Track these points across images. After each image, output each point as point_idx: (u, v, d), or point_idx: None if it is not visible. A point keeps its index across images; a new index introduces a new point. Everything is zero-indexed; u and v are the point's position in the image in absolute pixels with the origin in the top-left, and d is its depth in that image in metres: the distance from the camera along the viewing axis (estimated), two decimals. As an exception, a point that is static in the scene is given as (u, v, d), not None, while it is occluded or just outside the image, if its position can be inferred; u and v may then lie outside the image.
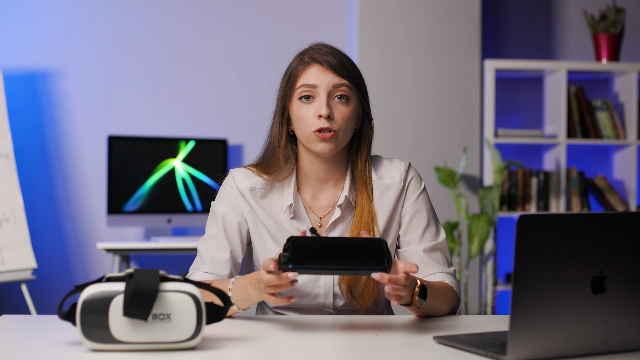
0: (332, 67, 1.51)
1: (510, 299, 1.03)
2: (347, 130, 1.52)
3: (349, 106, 1.52)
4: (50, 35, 3.77)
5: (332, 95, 1.51)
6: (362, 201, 1.54)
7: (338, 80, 1.51)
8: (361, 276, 1.47)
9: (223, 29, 3.88)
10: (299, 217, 1.55)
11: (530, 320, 1.04)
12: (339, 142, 1.51)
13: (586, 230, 1.06)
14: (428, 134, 3.74)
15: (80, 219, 3.74)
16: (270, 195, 1.57)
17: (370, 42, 3.69)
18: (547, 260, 1.04)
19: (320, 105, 1.49)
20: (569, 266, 1.05)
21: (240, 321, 1.41)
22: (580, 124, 3.86)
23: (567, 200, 3.83)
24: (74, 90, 3.77)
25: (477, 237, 3.49)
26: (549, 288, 1.04)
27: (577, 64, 3.81)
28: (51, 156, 3.74)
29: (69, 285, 3.70)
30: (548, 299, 1.04)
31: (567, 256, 1.05)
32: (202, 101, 3.86)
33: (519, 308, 1.03)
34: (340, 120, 1.50)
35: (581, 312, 1.07)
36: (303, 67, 1.53)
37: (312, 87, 1.51)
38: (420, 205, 1.58)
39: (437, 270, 1.55)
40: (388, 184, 1.58)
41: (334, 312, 1.56)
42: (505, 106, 4.02)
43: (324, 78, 1.50)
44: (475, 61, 3.77)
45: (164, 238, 3.47)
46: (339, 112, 1.50)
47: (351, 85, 1.52)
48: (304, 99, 1.52)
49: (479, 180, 3.79)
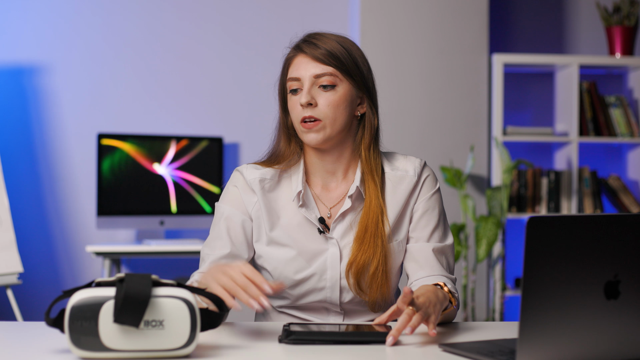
0: (315, 57, 1.54)
1: (520, 304, 1.03)
2: (336, 118, 1.54)
3: (337, 93, 1.54)
4: (37, 28, 3.77)
5: (316, 84, 1.55)
6: (370, 190, 1.57)
7: (320, 70, 1.54)
8: (369, 268, 1.52)
9: (218, 22, 3.88)
10: (307, 205, 1.57)
11: (541, 327, 1.04)
12: (328, 131, 1.54)
13: (599, 233, 1.06)
14: (433, 132, 3.74)
15: (68, 220, 3.74)
16: (278, 189, 1.59)
17: (372, 35, 3.69)
18: (558, 264, 1.04)
19: (302, 94, 1.54)
20: (581, 270, 1.05)
21: (237, 327, 1.41)
22: (593, 121, 3.86)
23: (579, 201, 3.83)
24: (62, 86, 3.77)
25: (485, 240, 3.49)
26: (560, 293, 1.04)
27: (589, 58, 3.81)
28: (38, 155, 3.74)
29: (57, 290, 3.70)
30: (559, 305, 1.04)
31: (579, 260, 1.05)
32: (196, 97, 3.86)
33: (528, 314, 1.03)
34: (324, 108, 1.53)
35: (594, 319, 1.07)
36: (290, 58, 1.59)
37: (296, 80, 1.56)
38: (433, 204, 1.61)
39: (439, 272, 1.56)
40: (401, 176, 1.60)
41: (340, 312, 1.57)
42: (514, 103, 4.02)
43: (306, 69, 1.55)
44: (482, 55, 3.77)
45: (156, 241, 3.47)
46: (324, 99, 1.54)
47: (337, 73, 1.54)
48: (292, 93, 1.57)
49: (486, 180, 3.79)
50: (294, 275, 1.55)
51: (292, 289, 1.55)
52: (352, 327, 1.36)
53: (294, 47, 1.60)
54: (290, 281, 1.55)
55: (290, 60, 1.59)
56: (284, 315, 1.60)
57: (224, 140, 3.80)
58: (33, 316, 3.57)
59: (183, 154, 3.62)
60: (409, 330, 1.24)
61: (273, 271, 1.56)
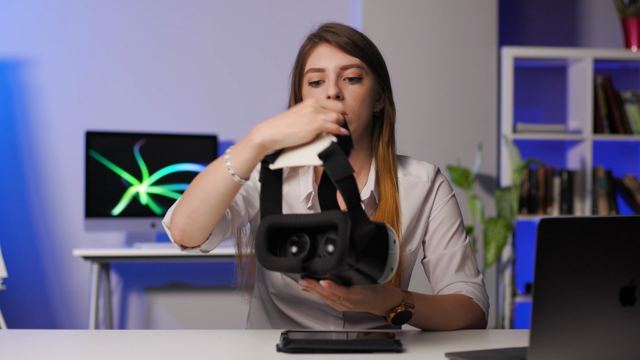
0: (341, 46, 1.53)
1: (531, 311, 1.03)
2: (362, 113, 1.53)
3: (363, 86, 1.54)
4: (22, 19, 3.77)
5: (342, 77, 1.53)
6: (386, 190, 1.56)
7: (347, 61, 1.52)
8: None
9: (214, 13, 3.88)
10: (316, 208, 1.57)
11: (553, 336, 1.04)
12: (353, 126, 1.53)
13: (614, 236, 1.06)
14: (439, 130, 3.74)
15: (54, 223, 3.74)
16: (286, 185, 1.59)
17: (375, 26, 3.69)
18: (571, 269, 1.04)
19: (329, 86, 1.51)
20: (596, 275, 1.05)
21: (233, 335, 1.41)
22: (608, 118, 3.86)
23: (593, 202, 3.83)
24: (48, 81, 3.77)
25: (494, 244, 3.49)
26: (573, 299, 1.04)
27: (604, 51, 3.81)
28: (23, 154, 3.74)
29: (42, 296, 3.70)
30: (572, 312, 1.04)
31: (593, 264, 1.05)
32: (190, 93, 3.86)
33: (540, 322, 1.03)
34: (352, 102, 1.52)
35: (609, 326, 1.07)
36: (310, 48, 1.56)
37: (319, 71, 1.53)
38: (450, 212, 1.61)
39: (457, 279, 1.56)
40: (414, 182, 1.60)
41: (341, 317, 1.57)
42: (525, 98, 4.02)
43: (332, 59, 1.52)
44: (491, 49, 3.77)
45: (147, 244, 3.47)
46: (351, 93, 1.52)
47: (364, 65, 1.54)
48: (314, 85, 1.54)
49: (495, 181, 3.80)
50: None
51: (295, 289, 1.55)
52: (354, 335, 1.36)
53: (313, 37, 1.57)
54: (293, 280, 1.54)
55: (310, 51, 1.56)
56: (281, 319, 1.60)
57: (219, 138, 3.80)
58: (17, 323, 3.56)
59: (176, 152, 3.61)
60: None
61: None
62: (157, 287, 3.81)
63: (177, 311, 3.82)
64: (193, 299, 3.83)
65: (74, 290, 3.74)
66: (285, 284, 1.55)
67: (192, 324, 3.81)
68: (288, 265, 1.19)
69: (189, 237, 1.39)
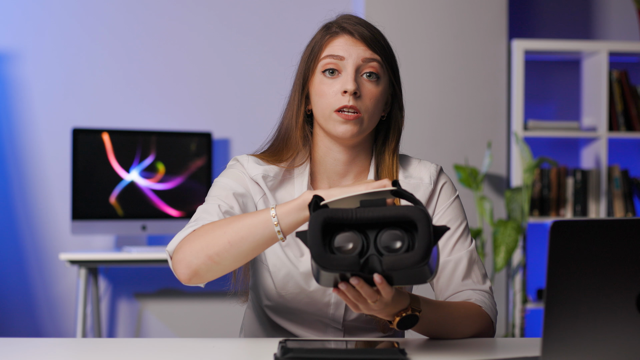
0: (364, 39, 1.52)
1: (542, 319, 1.03)
2: (374, 114, 1.53)
3: (379, 86, 1.53)
4: (4, 10, 3.77)
5: (360, 72, 1.52)
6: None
7: (369, 54, 1.52)
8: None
9: (208, 3, 3.88)
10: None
11: (566, 344, 1.04)
12: (364, 126, 1.52)
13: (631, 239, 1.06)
14: (446, 127, 3.74)
15: (40, 225, 3.75)
16: (280, 189, 1.58)
17: (378, 17, 3.67)
18: (585, 274, 1.04)
19: (347, 80, 1.50)
20: (611, 280, 1.05)
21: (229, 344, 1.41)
22: (624, 115, 3.86)
23: (608, 203, 3.84)
24: (32, 76, 3.77)
25: (504, 247, 3.49)
26: (587, 306, 1.04)
27: (620, 44, 3.81)
28: (6, 152, 3.74)
29: (27, 302, 3.70)
30: (586, 319, 1.04)
31: (609, 269, 1.05)
32: (182, 88, 3.86)
33: (552, 329, 1.03)
34: (367, 101, 1.51)
35: (625, 334, 1.07)
36: (330, 37, 1.54)
37: (339, 58, 1.52)
38: (455, 213, 1.60)
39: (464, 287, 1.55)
40: (416, 184, 1.59)
41: (340, 329, 1.57)
42: (537, 94, 4.02)
43: (354, 50, 1.52)
44: (501, 41, 3.77)
45: (137, 248, 3.47)
46: (368, 91, 1.52)
47: (383, 63, 1.54)
48: (328, 73, 1.52)
49: (505, 181, 3.80)
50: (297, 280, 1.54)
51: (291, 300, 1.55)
52: (356, 344, 1.36)
53: (332, 25, 1.55)
54: (292, 287, 1.54)
55: (329, 39, 1.54)
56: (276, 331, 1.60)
57: (213, 135, 3.80)
58: (0, 332, 3.56)
59: (168, 151, 3.62)
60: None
61: (274, 271, 1.55)
62: (148, 293, 3.81)
63: (169, 318, 3.83)
64: (186, 306, 3.83)
65: (60, 296, 3.74)
66: (279, 295, 1.55)
67: (184, 332, 3.81)
68: (347, 263, 1.16)
69: (200, 279, 1.39)
